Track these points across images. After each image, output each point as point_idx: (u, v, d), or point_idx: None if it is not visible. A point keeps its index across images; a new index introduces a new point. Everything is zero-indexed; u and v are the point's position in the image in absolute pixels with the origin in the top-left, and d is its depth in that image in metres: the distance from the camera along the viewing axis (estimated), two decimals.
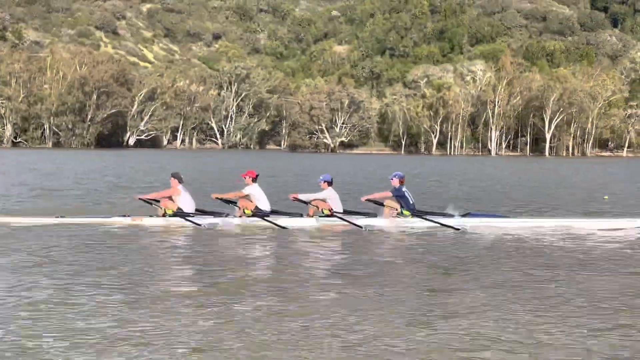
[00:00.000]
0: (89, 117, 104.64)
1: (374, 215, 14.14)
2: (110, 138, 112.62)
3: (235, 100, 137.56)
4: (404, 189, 14.11)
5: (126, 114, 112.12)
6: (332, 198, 14.09)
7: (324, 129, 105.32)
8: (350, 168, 46.98)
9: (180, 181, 14.04)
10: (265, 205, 13.98)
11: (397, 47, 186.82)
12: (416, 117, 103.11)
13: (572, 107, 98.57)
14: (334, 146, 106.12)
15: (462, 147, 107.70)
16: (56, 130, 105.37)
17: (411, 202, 14.00)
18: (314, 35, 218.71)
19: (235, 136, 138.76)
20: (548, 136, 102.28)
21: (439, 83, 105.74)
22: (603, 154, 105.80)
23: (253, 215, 13.70)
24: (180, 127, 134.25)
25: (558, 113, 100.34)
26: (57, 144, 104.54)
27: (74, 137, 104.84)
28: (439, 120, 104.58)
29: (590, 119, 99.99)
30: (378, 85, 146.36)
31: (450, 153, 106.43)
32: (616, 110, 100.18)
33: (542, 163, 67.03)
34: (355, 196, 16.56)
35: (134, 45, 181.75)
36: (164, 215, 13.78)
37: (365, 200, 14.37)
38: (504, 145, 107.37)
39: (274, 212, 14.09)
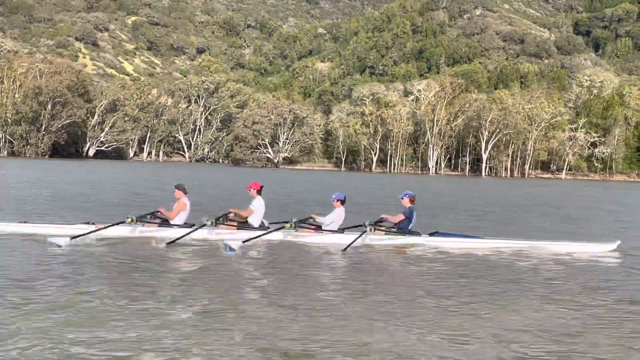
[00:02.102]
0: (44, 126, 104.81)
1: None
2: (68, 148, 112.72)
3: (203, 114, 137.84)
4: (413, 207, 13.69)
5: (82, 124, 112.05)
6: (339, 217, 13.69)
7: (267, 143, 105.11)
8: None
9: (185, 192, 13.58)
10: (258, 219, 13.49)
11: (377, 65, 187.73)
12: (354, 134, 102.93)
13: (507, 129, 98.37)
14: (277, 161, 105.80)
15: (402, 165, 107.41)
16: (11, 139, 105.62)
17: (414, 223, 13.65)
18: (298, 52, 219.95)
19: (203, 149, 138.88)
20: (485, 156, 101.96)
21: (385, 101, 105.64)
22: (543, 175, 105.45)
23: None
24: (147, 140, 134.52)
25: (494, 134, 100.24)
26: (12, 153, 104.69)
27: (27, 147, 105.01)
28: (379, 138, 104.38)
29: (531, 141, 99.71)
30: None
31: (390, 171, 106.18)
32: (558, 132, 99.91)
33: (442, 182, 66.34)
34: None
35: (113, 57, 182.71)
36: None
37: (382, 217, 13.78)
38: (443, 165, 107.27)
39: (261, 226, 13.58)
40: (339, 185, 45.16)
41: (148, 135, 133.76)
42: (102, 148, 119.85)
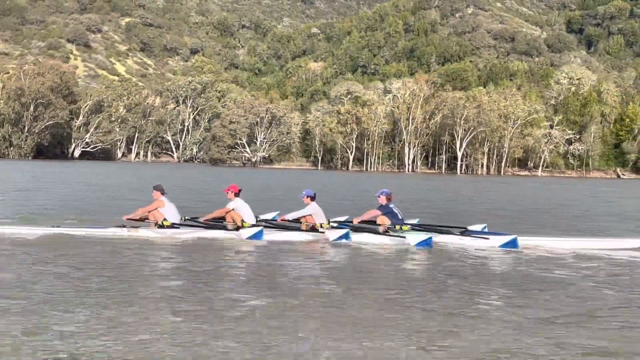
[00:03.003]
0: (26, 128, 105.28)
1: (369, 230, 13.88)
2: (53, 149, 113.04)
3: (191, 114, 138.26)
4: (391, 205, 13.93)
5: (66, 125, 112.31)
6: (316, 213, 13.98)
7: (244, 143, 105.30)
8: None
9: (163, 193, 13.87)
10: (250, 218, 13.79)
11: (369, 65, 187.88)
12: (330, 133, 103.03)
13: (480, 126, 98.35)
14: (255, 160, 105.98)
15: (380, 163, 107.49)
16: None
17: (400, 218, 13.79)
18: (292, 52, 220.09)
19: (191, 150, 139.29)
20: (459, 154, 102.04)
21: (363, 100, 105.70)
22: (520, 173, 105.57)
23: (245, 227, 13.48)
24: (135, 140, 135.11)
25: (469, 132, 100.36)
26: None
27: (11, 148, 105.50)
28: (354, 137, 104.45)
29: (507, 139, 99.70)
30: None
31: (367, 169, 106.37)
32: (535, 130, 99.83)
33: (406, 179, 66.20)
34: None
35: (105, 58, 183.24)
36: (160, 227, 13.58)
37: (359, 222, 14.12)
38: (419, 163, 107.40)
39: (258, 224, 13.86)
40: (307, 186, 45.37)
41: (136, 136, 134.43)
42: (88, 149, 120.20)
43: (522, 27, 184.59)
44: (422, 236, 12.97)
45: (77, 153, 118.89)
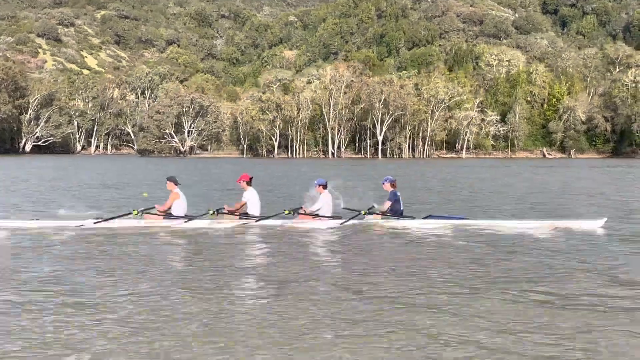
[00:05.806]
0: None
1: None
2: (3, 144, 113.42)
3: (151, 105, 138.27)
4: (398, 193, 14.01)
5: (12, 120, 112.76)
6: (327, 202, 13.93)
7: (172, 133, 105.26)
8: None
9: (177, 183, 13.86)
10: (256, 209, 13.77)
11: (341, 51, 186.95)
12: (251, 120, 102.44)
13: (398, 110, 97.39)
14: (185, 150, 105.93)
15: (307, 150, 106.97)
16: None
17: (401, 207, 13.92)
18: (269, 40, 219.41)
19: None
20: (380, 138, 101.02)
21: (292, 87, 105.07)
22: (447, 155, 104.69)
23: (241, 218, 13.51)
24: (94, 133, 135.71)
25: (389, 116, 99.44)
26: None
27: None
28: (278, 124, 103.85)
29: (431, 122, 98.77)
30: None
31: (294, 156, 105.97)
32: (461, 112, 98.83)
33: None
34: None
35: (75, 52, 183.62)
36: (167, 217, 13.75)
37: (374, 206, 13.99)
38: (342, 148, 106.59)
39: (262, 217, 13.79)
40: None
41: (95, 128, 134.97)
42: (39, 143, 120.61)
43: (492, 10, 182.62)
44: None
45: (28, 147, 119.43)
